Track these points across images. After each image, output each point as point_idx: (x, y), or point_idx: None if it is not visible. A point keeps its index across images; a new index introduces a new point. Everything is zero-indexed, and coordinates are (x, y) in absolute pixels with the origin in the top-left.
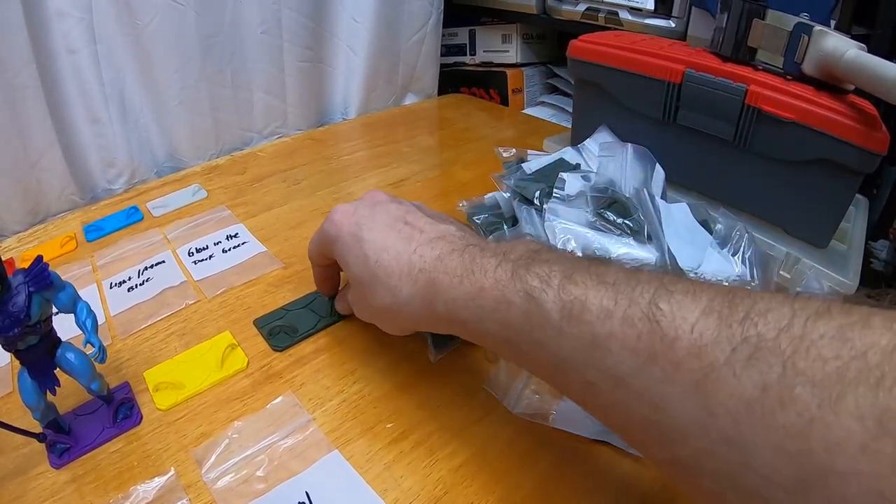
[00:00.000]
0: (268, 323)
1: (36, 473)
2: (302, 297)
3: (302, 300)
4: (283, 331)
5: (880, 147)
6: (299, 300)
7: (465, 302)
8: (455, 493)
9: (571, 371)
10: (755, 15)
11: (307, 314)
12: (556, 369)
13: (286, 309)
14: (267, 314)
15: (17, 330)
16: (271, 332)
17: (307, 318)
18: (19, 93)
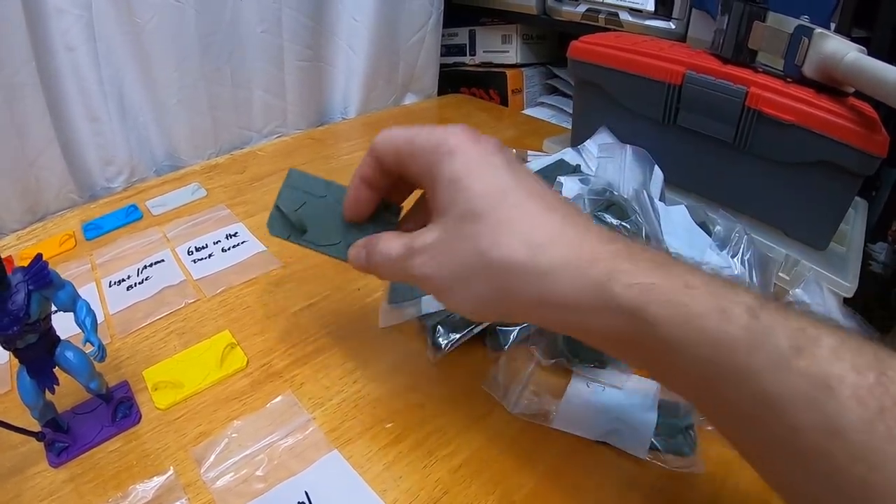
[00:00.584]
0: (295, 190)
1: (34, 472)
2: (337, 186)
3: (335, 191)
4: (295, 219)
5: (880, 150)
6: (335, 188)
7: (667, 298)
8: (454, 493)
9: (780, 411)
10: (756, 17)
11: (327, 217)
12: (757, 407)
13: (312, 194)
14: (304, 177)
15: (17, 328)
16: (288, 204)
17: (324, 224)
18: (18, 91)
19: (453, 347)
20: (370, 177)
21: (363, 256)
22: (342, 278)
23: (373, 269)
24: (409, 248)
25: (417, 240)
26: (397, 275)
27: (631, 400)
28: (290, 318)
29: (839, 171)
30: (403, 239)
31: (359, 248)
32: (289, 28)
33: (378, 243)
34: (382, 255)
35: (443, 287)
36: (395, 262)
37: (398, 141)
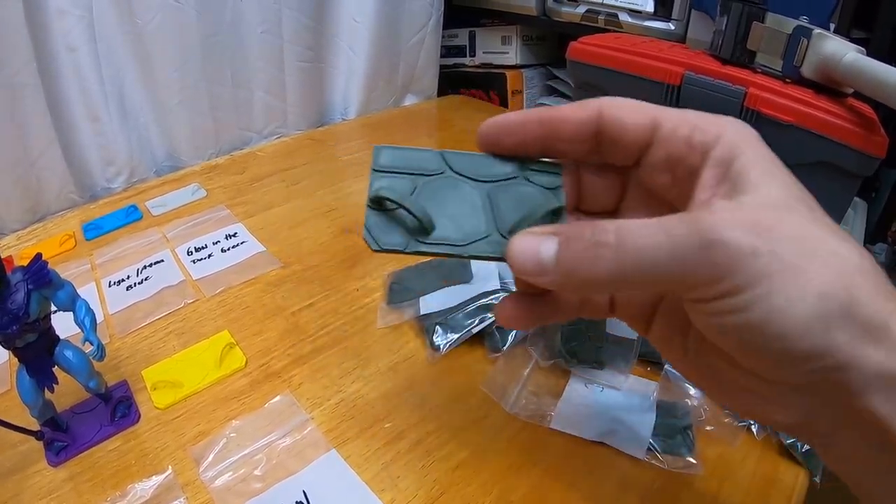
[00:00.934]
0: (393, 176)
1: (33, 471)
2: (453, 154)
3: (455, 160)
4: (418, 214)
5: (879, 150)
6: (453, 156)
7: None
8: (452, 493)
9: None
10: (754, 18)
11: (457, 201)
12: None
13: (420, 173)
14: (399, 153)
15: (16, 327)
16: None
17: (456, 212)
18: (19, 91)
19: (451, 348)
20: (570, 132)
21: (571, 251)
22: (341, 279)
23: (596, 270)
24: (700, 209)
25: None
26: (658, 251)
27: (629, 400)
28: (289, 319)
29: (838, 171)
30: (676, 223)
31: (546, 237)
32: (289, 29)
33: (629, 229)
34: (642, 246)
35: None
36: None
37: (657, 113)
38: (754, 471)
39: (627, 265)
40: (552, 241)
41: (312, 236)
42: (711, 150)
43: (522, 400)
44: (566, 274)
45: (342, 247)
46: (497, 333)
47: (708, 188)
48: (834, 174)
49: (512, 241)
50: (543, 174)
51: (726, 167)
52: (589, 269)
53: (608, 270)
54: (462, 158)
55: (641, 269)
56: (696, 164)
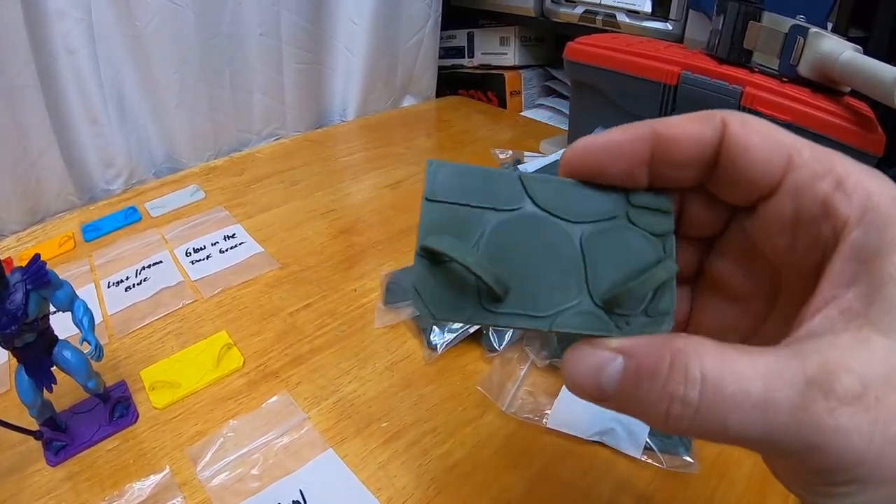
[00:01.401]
0: (456, 208)
1: (32, 471)
2: (534, 179)
3: (538, 188)
4: (487, 276)
5: (876, 149)
6: (535, 183)
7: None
8: (448, 492)
9: None
10: (751, 17)
11: (539, 252)
12: None
13: (490, 206)
14: (462, 174)
15: (15, 327)
16: (454, 244)
17: (537, 267)
18: (18, 93)
19: (448, 347)
20: (684, 156)
21: (639, 390)
22: (338, 279)
23: (666, 424)
24: (814, 384)
25: (825, 370)
26: (749, 429)
27: None
28: (287, 319)
29: None
30: (775, 358)
31: (611, 356)
32: (287, 31)
33: (720, 387)
34: (730, 416)
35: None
36: (764, 406)
37: (793, 149)
38: (751, 470)
39: (705, 428)
40: (617, 364)
41: (310, 237)
42: (853, 231)
43: (519, 399)
44: (627, 408)
45: (340, 247)
46: (493, 333)
47: (838, 286)
48: None
49: (567, 353)
50: (650, 213)
51: (863, 266)
52: (656, 420)
53: (679, 428)
54: (547, 187)
55: (724, 435)
56: (827, 236)
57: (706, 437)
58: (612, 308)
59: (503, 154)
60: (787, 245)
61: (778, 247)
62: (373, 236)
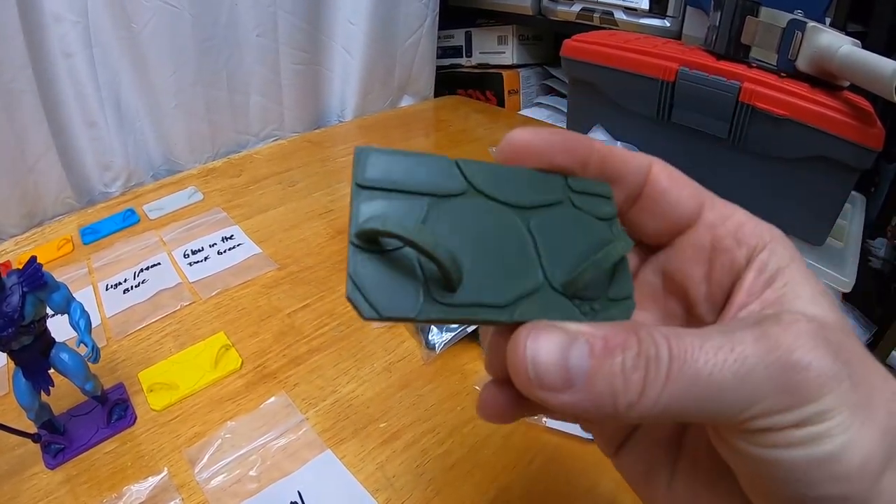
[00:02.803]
0: (391, 197)
1: (30, 474)
2: (477, 166)
3: (479, 173)
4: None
5: (875, 143)
6: (476, 168)
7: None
8: (448, 492)
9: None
10: (748, 12)
11: (491, 238)
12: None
13: (431, 192)
14: (395, 160)
15: (11, 330)
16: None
17: (491, 254)
18: (15, 97)
19: (446, 347)
20: (629, 180)
21: (609, 367)
22: (336, 280)
23: (641, 397)
24: (768, 320)
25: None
26: (719, 409)
27: None
28: (285, 320)
29: (835, 165)
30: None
31: (576, 339)
32: (285, 32)
33: (686, 343)
34: (702, 367)
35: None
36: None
37: (704, 195)
38: None
39: (680, 394)
40: (582, 346)
41: (308, 238)
42: (759, 254)
43: None
44: (596, 397)
45: (338, 248)
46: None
47: (752, 293)
48: (831, 168)
49: (521, 332)
50: (592, 198)
51: (773, 275)
52: (632, 395)
53: (655, 398)
54: (485, 171)
55: (700, 396)
56: (740, 261)
57: (680, 405)
58: (575, 293)
59: None
60: (702, 274)
61: (694, 276)
62: None
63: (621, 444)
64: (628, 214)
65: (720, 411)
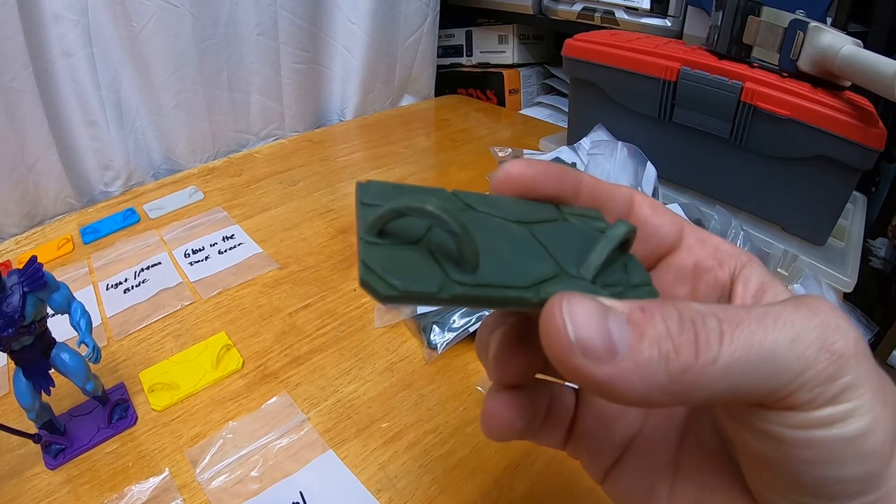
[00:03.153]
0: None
1: (31, 474)
2: (480, 197)
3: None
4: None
5: (877, 143)
6: (480, 200)
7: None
8: (449, 493)
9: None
10: (750, 12)
11: (503, 237)
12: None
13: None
14: (391, 191)
15: (12, 330)
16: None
17: (504, 248)
18: (15, 96)
19: (448, 347)
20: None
21: (658, 330)
22: (338, 279)
23: (696, 362)
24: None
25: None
26: (769, 380)
27: None
28: (286, 319)
29: (836, 165)
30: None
31: (612, 310)
32: (285, 31)
33: (735, 310)
34: (755, 332)
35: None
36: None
37: (682, 221)
38: None
39: (740, 354)
40: (619, 315)
41: (309, 237)
42: (742, 270)
43: None
44: (643, 365)
45: (339, 247)
46: None
47: (747, 301)
48: (832, 168)
49: (553, 302)
50: (585, 218)
51: (760, 289)
52: (686, 356)
53: (713, 360)
54: (483, 198)
55: (758, 361)
56: (724, 279)
57: (732, 371)
58: (594, 278)
59: (502, 152)
60: (687, 292)
61: (679, 295)
62: None
63: (610, 468)
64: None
65: (776, 378)
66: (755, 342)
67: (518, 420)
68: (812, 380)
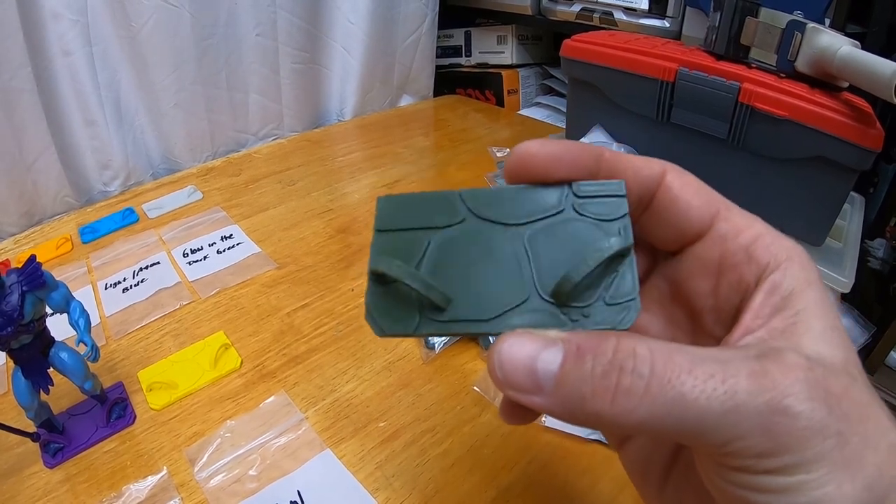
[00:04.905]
0: (399, 234)
1: (30, 473)
2: (472, 193)
3: (476, 200)
4: (428, 284)
5: (875, 144)
6: (473, 197)
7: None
8: (447, 492)
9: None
10: (748, 13)
11: (482, 258)
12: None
13: (430, 226)
14: (404, 202)
15: (11, 329)
16: (397, 254)
17: (479, 274)
18: (14, 95)
19: (446, 347)
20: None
21: (581, 372)
22: (336, 279)
23: (612, 408)
24: (766, 357)
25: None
26: (696, 437)
27: None
28: (284, 319)
29: (834, 166)
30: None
31: (550, 344)
32: (284, 31)
33: (672, 362)
34: (687, 393)
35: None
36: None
37: (721, 205)
38: None
39: (659, 412)
40: (556, 351)
41: (308, 237)
42: (772, 273)
43: None
44: (565, 401)
45: (337, 247)
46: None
47: (760, 317)
48: (830, 168)
49: (498, 341)
50: (598, 200)
51: (784, 300)
52: (600, 402)
53: (630, 410)
54: (486, 198)
55: (682, 419)
56: (749, 280)
57: (655, 424)
58: (566, 300)
59: (500, 152)
60: (709, 288)
61: (701, 290)
62: (370, 236)
63: (624, 441)
64: (639, 221)
65: (701, 437)
66: (684, 403)
67: (525, 411)
68: (745, 450)
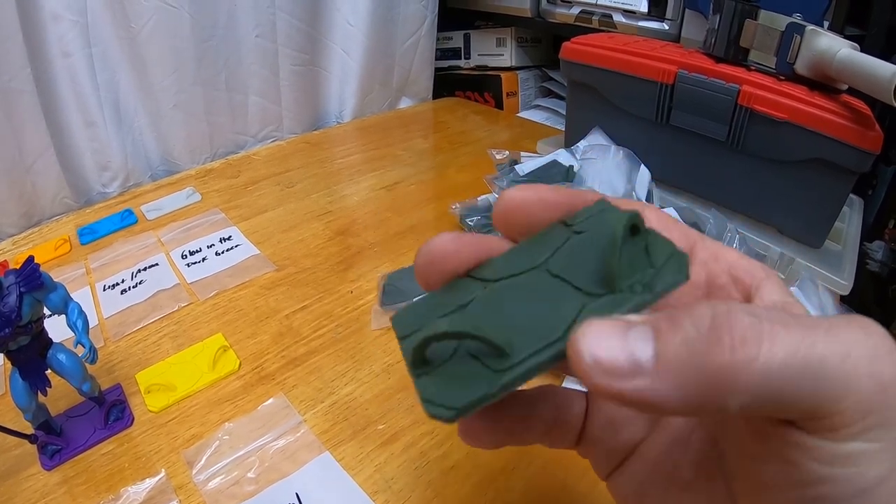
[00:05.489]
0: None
1: (27, 475)
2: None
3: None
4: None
5: (874, 146)
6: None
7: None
8: (446, 495)
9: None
10: (747, 15)
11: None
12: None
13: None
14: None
15: (9, 330)
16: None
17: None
18: (14, 96)
19: None
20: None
21: (692, 338)
22: (335, 281)
23: (733, 363)
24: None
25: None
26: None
27: None
28: (283, 321)
29: (833, 168)
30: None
31: (632, 324)
32: (283, 33)
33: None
34: (804, 338)
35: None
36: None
37: (696, 237)
38: None
39: (778, 357)
40: (643, 328)
41: (307, 239)
42: (757, 291)
43: None
44: (674, 369)
45: (336, 249)
46: None
47: None
48: (829, 170)
49: (578, 332)
50: (594, 217)
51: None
52: (720, 356)
53: (751, 360)
54: (495, 264)
55: (800, 370)
56: (738, 298)
57: (773, 374)
58: (614, 284)
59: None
60: None
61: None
62: (369, 238)
63: (615, 468)
64: None
65: (820, 393)
66: (803, 349)
67: (495, 436)
68: (855, 405)
